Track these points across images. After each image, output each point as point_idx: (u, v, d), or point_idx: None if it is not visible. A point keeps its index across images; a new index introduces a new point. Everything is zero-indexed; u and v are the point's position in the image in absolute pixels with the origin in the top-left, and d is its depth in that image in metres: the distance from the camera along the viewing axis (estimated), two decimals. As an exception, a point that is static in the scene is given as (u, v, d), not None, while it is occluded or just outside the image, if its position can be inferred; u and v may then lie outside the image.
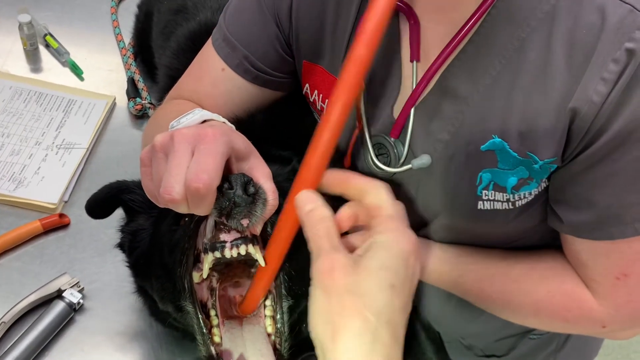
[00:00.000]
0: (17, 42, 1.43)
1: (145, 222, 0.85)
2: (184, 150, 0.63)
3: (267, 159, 0.70)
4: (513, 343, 1.06)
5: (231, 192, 0.63)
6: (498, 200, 0.82)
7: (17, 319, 0.98)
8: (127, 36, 1.49)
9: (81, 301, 1.00)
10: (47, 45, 1.44)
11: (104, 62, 1.45)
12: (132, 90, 1.35)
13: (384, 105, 0.87)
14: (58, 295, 1.00)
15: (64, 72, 1.40)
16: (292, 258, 0.69)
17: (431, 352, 1.04)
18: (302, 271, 0.68)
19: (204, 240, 0.70)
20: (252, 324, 0.72)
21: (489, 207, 0.83)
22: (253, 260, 0.68)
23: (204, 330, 0.71)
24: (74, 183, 1.19)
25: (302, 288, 0.72)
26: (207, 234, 0.70)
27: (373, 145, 0.87)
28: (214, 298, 0.73)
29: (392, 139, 0.85)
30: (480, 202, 0.83)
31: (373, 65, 0.85)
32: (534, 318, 0.90)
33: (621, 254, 0.79)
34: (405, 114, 0.83)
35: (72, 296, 1.00)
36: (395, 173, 0.86)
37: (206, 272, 0.70)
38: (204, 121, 0.74)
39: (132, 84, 1.37)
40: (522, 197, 0.81)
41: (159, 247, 0.78)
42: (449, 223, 0.88)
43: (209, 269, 0.70)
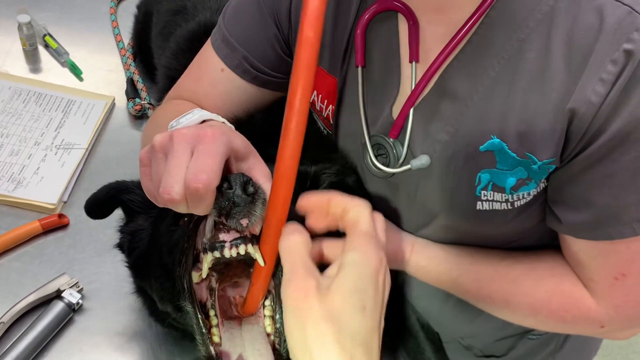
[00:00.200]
0: (16, 43, 1.43)
1: (144, 222, 0.85)
2: (183, 150, 0.63)
3: (266, 159, 0.70)
4: (512, 343, 1.06)
5: (230, 192, 0.63)
6: (497, 201, 0.82)
7: (16, 319, 0.98)
8: (127, 37, 1.50)
9: (80, 301, 1.00)
10: (47, 46, 1.44)
11: (103, 63, 1.45)
12: (132, 91, 1.35)
13: (383, 105, 0.87)
14: (57, 295, 1.00)
15: (63, 73, 1.41)
16: None
17: (430, 352, 1.04)
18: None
19: (203, 240, 0.70)
20: (251, 324, 0.72)
21: (487, 208, 0.83)
22: (252, 260, 0.68)
23: (204, 330, 0.71)
24: (73, 183, 1.19)
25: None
26: (207, 233, 0.69)
27: (372, 146, 0.87)
28: (214, 298, 0.73)
29: (391, 139, 0.86)
30: (479, 203, 0.83)
31: (372, 66, 0.86)
32: (533, 318, 0.90)
33: (619, 254, 0.79)
34: (405, 115, 0.83)
35: (71, 296, 1.00)
36: (394, 173, 0.86)
37: (205, 272, 0.70)
38: (203, 121, 0.74)
39: (131, 84, 1.37)
40: (520, 197, 0.82)
41: (158, 247, 0.77)
42: (448, 223, 0.88)
43: (208, 269, 0.70)
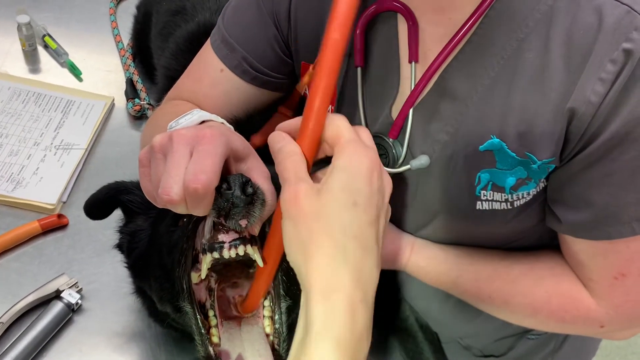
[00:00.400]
0: (15, 43, 1.43)
1: (143, 222, 0.84)
2: (183, 151, 0.63)
3: (265, 159, 0.70)
4: (511, 343, 1.06)
5: (229, 193, 0.63)
6: (496, 201, 0.82)
7: (15, 320, 0.98)
8: (126, 37, 1.50)
9: (79, 302, 1.00)
10: (46, 46, 1.44)
11: (103, 63, 1.45)
12: (131, 91, 1.35)
13: (382, 105, 0.87)
14: (56, 295, 1.00)
15: (62, 73, 1.41)
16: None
17: (429, 352, 1.04)
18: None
19: (202, 240, 0.70)
20: (250, 324, 0.72)
21: (487, 208, 0.83)
22: (251, 260, 0.68)
23: (203, 331, 0.71)
24: (72, 184, 1.19)
25: (300, 289, 0.72)
26: (206, 234, 0.69)
27: (372, 146, 0.87)
28: (213, 298, 0.73)
29: (391, 139, 0.85)
30: (478, 203, 0.83)
31: (372, 66, 0.86)
32: (532, 318, 0.90)
33: (619, 254, 0.79)
34: (404, 115, 0.83)
35: (71, 297, 1.00)
36: (393, 174, 0.86)
37: (204, 273, 0.70)
38: (202, 122, 0.73)
39: (130, 84, 1.37)
40: (520, 197, 0.82)
41: (158, 248, 0.77)
42: (448, 223, 0.88)
43: (207, 270, 0.70)
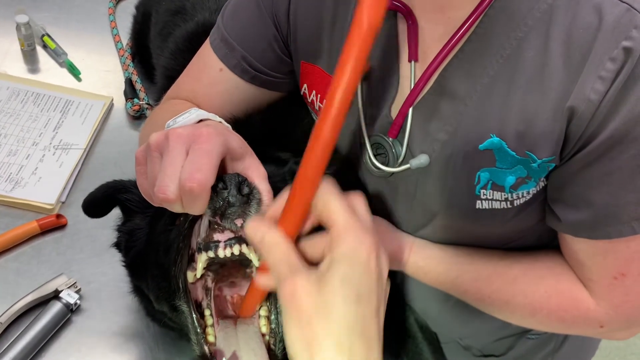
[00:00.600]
0: (14, 43, 1.43)
1: (141, 221, 0.84)
2: (179, 150, 0.62)
3: (263, 159, 0.70)
4: (511, 343, 1.06)
5: (225, 192, 0.63)
6: (496, 200, 0.82)
7: (14, 320, 0.98)
8: (125, 37, 1.50)
9: (78, 302, 1.00)
10: (45, 46, 1.44)
11: (102, 63, 1.45)
12: (130, 91, 1.35)
13: (382, 105, 0.86)
14: (55, 295, 1.00)
15: (61, 73, 1.40)
16: None
17: (428, 352, 1.04)
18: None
19: (197, 239, 0.70)
20: (246, 324, 0.71)
21: (487, 207, 0.83)
22: (248, 260, 0.68)
23: (198, 330, 0.71)
24: (71, 184, 1.19)
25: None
26: (201, 233, 0.69)
27: (371, 145, 0.87)
28: (209, 298, 0.73)
29: (390, 138, 0.85)
30: (478, 202, 0.83)
31: (371, 65, 0.86)
32: (532, 318, 0.90)
33: (619, 254, 0.79)
34: (404, 114, 0.83)
35: (69, 297, 0.99)
36: (393, 173, 0.86)
37: (200, 272, 0.69)
38: (200, 121, 0.73)
39: (129, 84, 1.37)
40: (520, 196, 0.81)
41: (155, 247, 0.77)
42: (447, 223, 0.88)
43: (203, 269, 0.69)
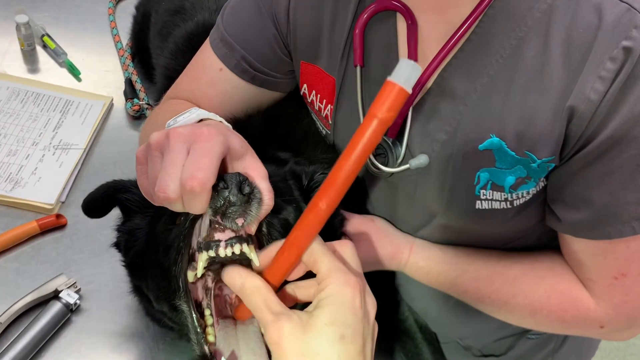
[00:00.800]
0: (14, 43, 1.43)
1: (141, 221, 0.84)
2: (180, 149, 0.62)
3: (263, 159, 0.69)
4: (511, 343, 1.06)
5: (226, 191, 0.62)
6: (496, 200, 0.82)
7: (13, 320, 0.98)
8: (125, 37, 1.50)
9: (78, 302, 1.00)
10: (45, 46, 1.44)
11: (102, 63, 1.45)
12: (130, 91, 1.35)
13: (381, 105, 0.86)
14: (55, 295, 1.00)
15: (61, 73, 1.40)
16: None
17: (427, 353, 1.04)
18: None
19: (198, 239, 0.70)
20: (246, 324, 0.71)
21: (487, 207, 0.83)
22: (248, 260, 0.67)
23: (198, 330, 0.71)
24: (71, 184, 1.19)
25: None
26: (202, 232, 0.69)
27: (371, 145, 0.87)
28: (209, 297, 0.73)
29: (390, 139, 0.85)
30: (478, 202, 0.83)
31: (371, 65, 0.86)
32: (532, 318, 0.90)
33: (619, 254, 0.79)
34: (403, 115, 0.83)
35: (69, 297, 0.99)
36: (393, 173, 0.86)
37: (200, 271, 0.69)
38: (200, 120, 0.73)
39: (129, 84, 1.37)
40: (520, 196, 0.81)
41: (155, 246, 0.77)
42: (447, 223, 0.88)
43: (203, 268, 0.69)
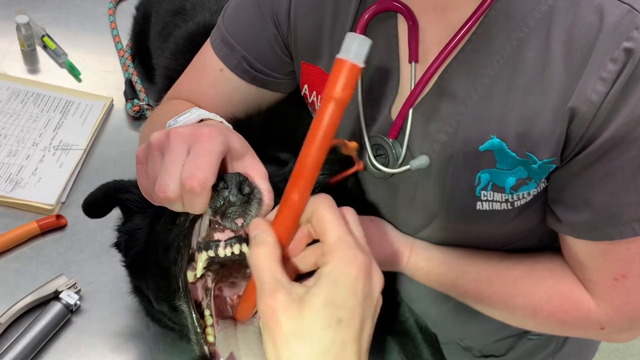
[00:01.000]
0: (14, 43, 1.43)
1: (141, 221, 0.84)
2: (180, 149, 0.62)
3: (264, 160, 0.69)
4: (511, 344, 1.05)
5: (226, 191, 0.62)
6: (497, 201, 0.82)
7: (13, 320, 0.98)
8: (125, 38, 1.50)
9: (78, 302, 1.00)
10: (45, 47, 1.44)
11: (102, 64, 1.45)
12: (130, 92, 1.35)
13: (382, 106, 0.86)
14: (55, 296, 1.00)
15: (61, 74, 1.40)
16: None
17: (427, 354, 1.04)
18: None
19: (198, 239, 0.70)
20: (246, 325, 0.71)
21: (487, 208, 0.83)
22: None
23: (198, 330, 0.71)
24: (71, 184, 1.19)
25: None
26: (202, 232, 0.69)
27: (371, 146, 0.87)
28: (209, 298, 0.73)
29: (390, 139, 0.85)
30: (478, 203, 0.83)
31: (371, 66, 0.86)
32: (532, 320, 0.89)
33: (619, 255, 0.79)
34: (404, 115, 0.83)
35: (69, 297, 0.99)
36: (393, 174, 0.86)
37: (200, 271, 0.69)
38: (201, 120, 0.73)
39: (129, 85, 1.37)
40: (520, 197, 0.81)
41: (155, 246, 0.77)
42: (448, 224, 0.88)
43: (203, 269, 0.69)
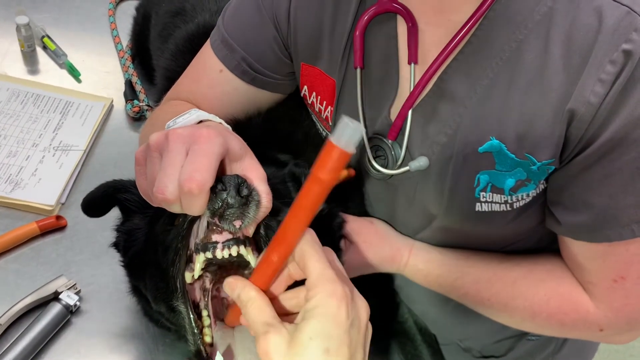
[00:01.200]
0: (14, 44, 1.43)
1: (140, 221, 0.84)
2: (178, 150, 0.62)
3: (263, 161, 0.69)
4: (511, 344, 1.05)
5: (224, 193, 0.62)
6: (496, 202, 0.82)
7: (13, 321, 0.98)
8: (125, 38, 1.50)
9: (78, 303, 1.00)
10: (45, 47, 1.44)
11: (102, 64, 1.44)
12: (130, 93, 1.35)
13: (381, 107, 0.86)
14: (55, 297, 1.00)
15: (61, 74, 1.40)
16: None
17: (427, 355, 1.04)
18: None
19: (195, 240, 0.70)
20: (243, 325, 0.71)
21: (486, 209, 0.83)
22: (246, 262, 0.68)
23: (195, 331, 0.71)
24: (71, 185, 1.18)
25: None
26: (199, 234, 0.69)
27: (371, 147, 0.87)
28: (207, 299, 0.73)
29: (390, 141, 0.85)
30: (478, 204, 0.83)
31: (371, 67, 0.86)
32: (531, 321, 0.90)
33: (618, 257, 0.79)
34: (403, 116, 0.83)
35: (69, 298, 0.99)
36: (392, 175, 0.86)
37: (197, 272, 0.69)
38: (200, 121, 0.73)
39: (129, 86, 1.37)
40: (519, 198, 0.81)
41: (153, 247, 0.77)
42: (447, 225, 0.88)
43: (201, 270, 0.69)
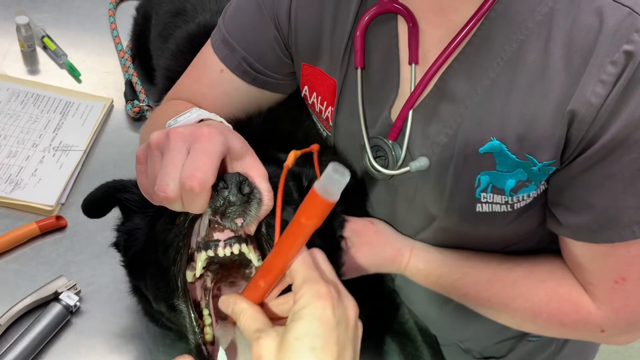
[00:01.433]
0: (14, 44, 1.43)
1: (141, 221, 0.84)
2: (180, 149, 0.62)
3: (264, 160, 0.69)
4: (511, 345, 1.05)
5: (226, 191, 0.62)
6: (496, 203, 0.82)
7: (13, 322, 0.98)
8: (125, 39, 1.50)
9: (78, 304, 1.00)
10: (45, 47, 1.44)
11: (102, 65, 1.44)
12: (130, 93, 1.35)
13: (382, 107, 0.86)
14: (55, 297, 1.00)
15: (61, 74, 1.40)
16: None
17: (427, 355, 1.04)
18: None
19: (197, 238, 0.70)
20: None
21: (487, 210, 0.83)
22: (247, 260, 0.68)
23: (196, 330, 0.71)
24: (71, 185, 1.18)
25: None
26: (201, 232, 0.69)
27: (371, 148, 0.87)
28: (208, 298, 0.73)
29: (390, 141, 0.85)
30: (478, 205, 0.83)
31: (372, 67, 0.86)
32: (532, 322, 0.90)
33: (619, 258, 0.79)
34: (403, 117, 0.83)
35: (69, 298, 0.99)
36: (393, 175, 0.86)
37: (199, 271, 0.69)
38: (201, 120, 0.73)
39: (129, 86, 1.37)
40: (520, 199, 0.81)
41: (154, 246, 0.77)
42: (447, 226, 0.88)
43: (202, 268, 0.69)
